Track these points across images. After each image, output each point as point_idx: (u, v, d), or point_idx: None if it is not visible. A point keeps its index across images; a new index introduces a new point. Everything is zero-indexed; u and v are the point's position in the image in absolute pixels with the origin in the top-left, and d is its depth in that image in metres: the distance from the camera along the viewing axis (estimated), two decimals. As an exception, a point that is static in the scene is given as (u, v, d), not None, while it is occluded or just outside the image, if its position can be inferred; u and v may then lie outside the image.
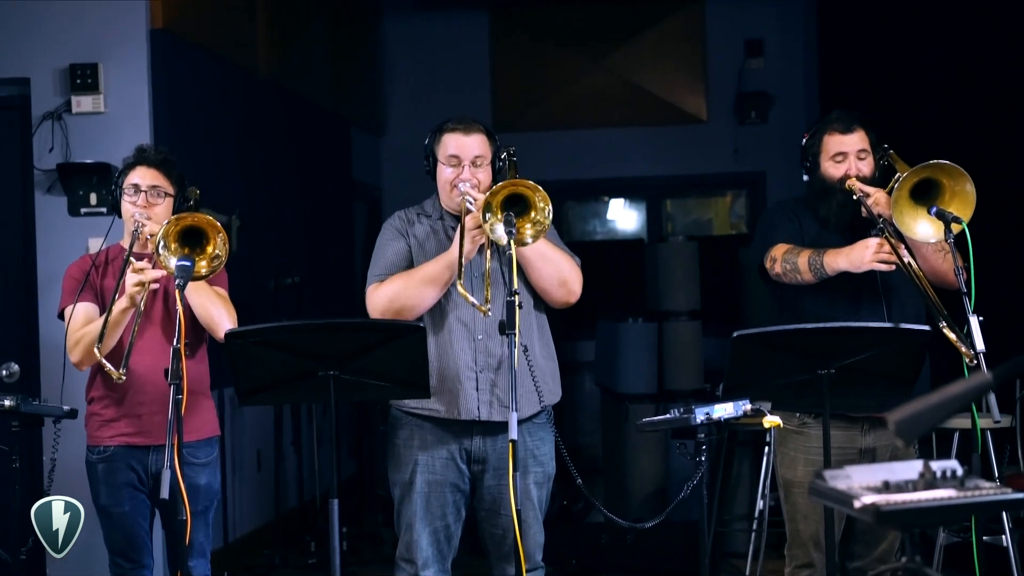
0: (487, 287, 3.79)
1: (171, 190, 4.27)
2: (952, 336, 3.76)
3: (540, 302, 4.15)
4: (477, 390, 4.02)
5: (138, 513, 4.26)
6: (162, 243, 3.88)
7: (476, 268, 4.06)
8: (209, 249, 3.94)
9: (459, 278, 3.79)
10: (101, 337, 3.95)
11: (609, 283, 9.30)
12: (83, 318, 4.20)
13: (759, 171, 10.21)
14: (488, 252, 3.86)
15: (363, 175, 9.94)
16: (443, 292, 4.00)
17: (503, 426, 3.94)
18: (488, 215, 3.80)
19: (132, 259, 4.08)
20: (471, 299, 3.73)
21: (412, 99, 10.28)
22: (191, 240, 3.94)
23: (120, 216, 4.28)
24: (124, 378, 3.95)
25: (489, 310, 3.76)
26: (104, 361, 3.92)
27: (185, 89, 6.48)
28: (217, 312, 4.14)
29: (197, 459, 4.26)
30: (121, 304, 4.03)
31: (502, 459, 4.02)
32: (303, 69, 8.44)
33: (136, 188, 4.23)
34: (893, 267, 4.00)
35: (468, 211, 3.92)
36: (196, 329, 4.21)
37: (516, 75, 10.36)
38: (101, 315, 4.15)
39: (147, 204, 4.21)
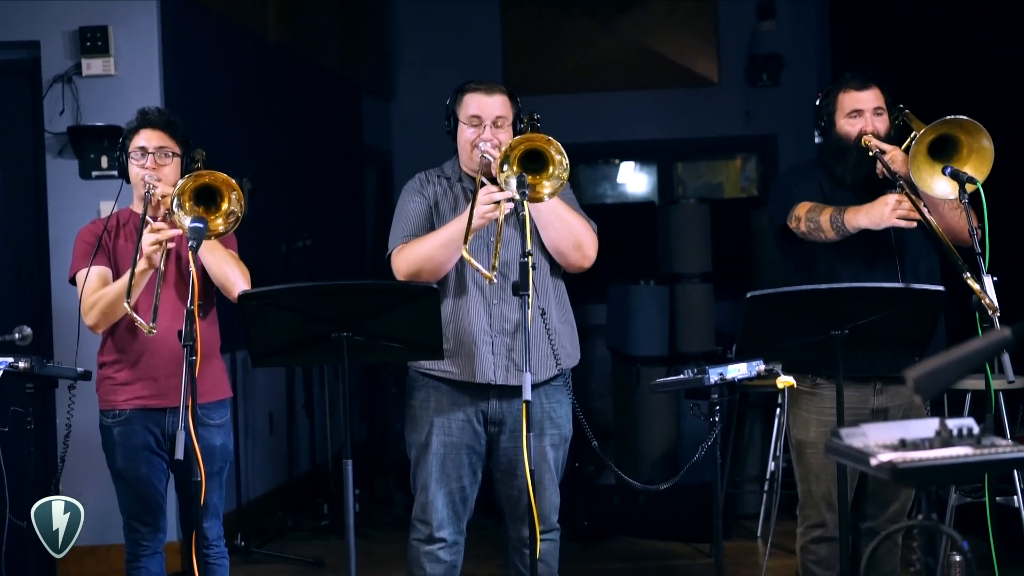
0: (496, 252, 3.79)
1: (178, 150, 4.22)
2: (976, 287, 3.73)
3: (557, 267, 4.14)
4: (493, 354, 4.02)
5: (154, 476, 4.25)
6: (177, 201, 3.87)
7: (491, 232, 4.04)
8: (224, 206, 3.92)
9: (465, 243, 3.75)
10: (129, 292, 3.90)
11: (620, 246, 9.28)
12: (97, 281, 4.17)
13: (770, 134, 10.17)
14: (501, 217, 3.84)
15: (373, 139, 9.92)
16: (461, 254, 3.99)
17: (520, 390, 3.94)
18: (505, 166, 3.78)
19: (149, 219, 4.01)
20: (476, 264, 3.73)
21: (422, 62, 10.24)
22: (204, 199, 3.91)
23: (128, 181, 4.24)
24: (155, 331, 3.87)
25: (495, 276, 3.76)
26: (134, 315, 3.86)
27: (195, 52, 6.45)
28: (232, 272, 4.11)
29: (212, 420, 4.24)
30: (140, 266, 3.97)
31: (519, 421, 4.00)
32: (313, 33, 8.41)
33: (143, 151, 4.17)
34: (915, 224, 3.98)
35: (487, 164, 3.91)
36: (207, 291, 4.17)
37: (526, 39, 10.30)
38: (115, 279, 4.14)
39: (156, 166, 4.15)
